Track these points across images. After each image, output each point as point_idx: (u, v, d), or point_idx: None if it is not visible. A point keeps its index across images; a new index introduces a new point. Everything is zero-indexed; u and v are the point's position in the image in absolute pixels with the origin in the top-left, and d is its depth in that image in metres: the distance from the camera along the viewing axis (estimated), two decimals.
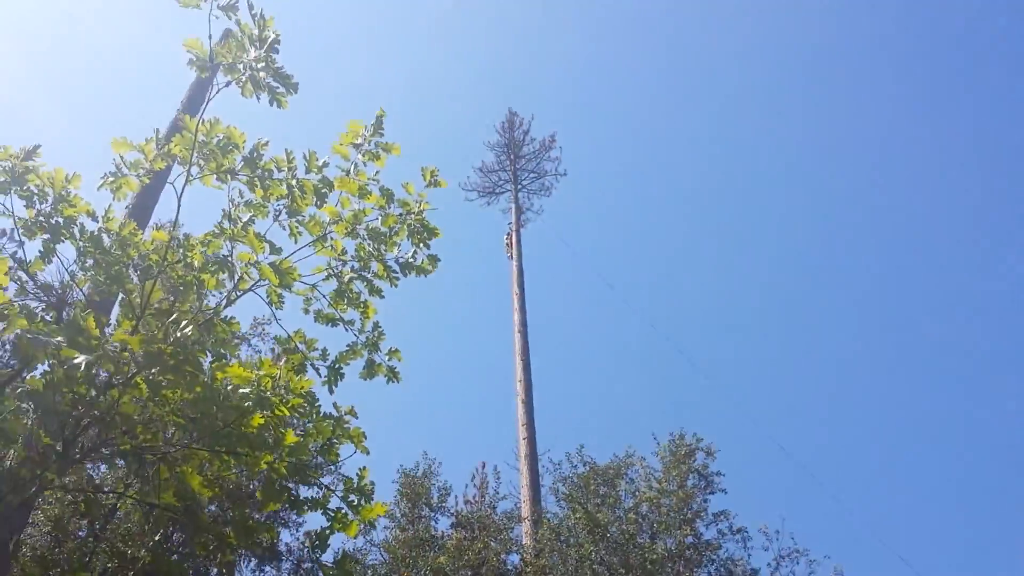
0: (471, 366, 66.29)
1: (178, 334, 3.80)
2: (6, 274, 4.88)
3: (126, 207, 10.45)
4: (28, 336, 3.40)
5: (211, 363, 4.65)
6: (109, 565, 12.63)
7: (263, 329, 22.60)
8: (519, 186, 35.76)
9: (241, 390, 4.16)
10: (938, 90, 61.41)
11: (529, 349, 25.60)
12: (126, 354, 3.60)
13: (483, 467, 25.20)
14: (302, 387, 4.55)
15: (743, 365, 61.75)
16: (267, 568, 19.02)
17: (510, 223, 33.15)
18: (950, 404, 57.05)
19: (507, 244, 31.68)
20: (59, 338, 3.46)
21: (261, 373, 4.31)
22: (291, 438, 4.46)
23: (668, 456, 16.18)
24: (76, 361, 3.42)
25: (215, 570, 17.42)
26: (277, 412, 4.35)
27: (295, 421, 4.93)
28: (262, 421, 4.27)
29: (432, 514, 16.69)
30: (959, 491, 52.31)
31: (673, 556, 14.39)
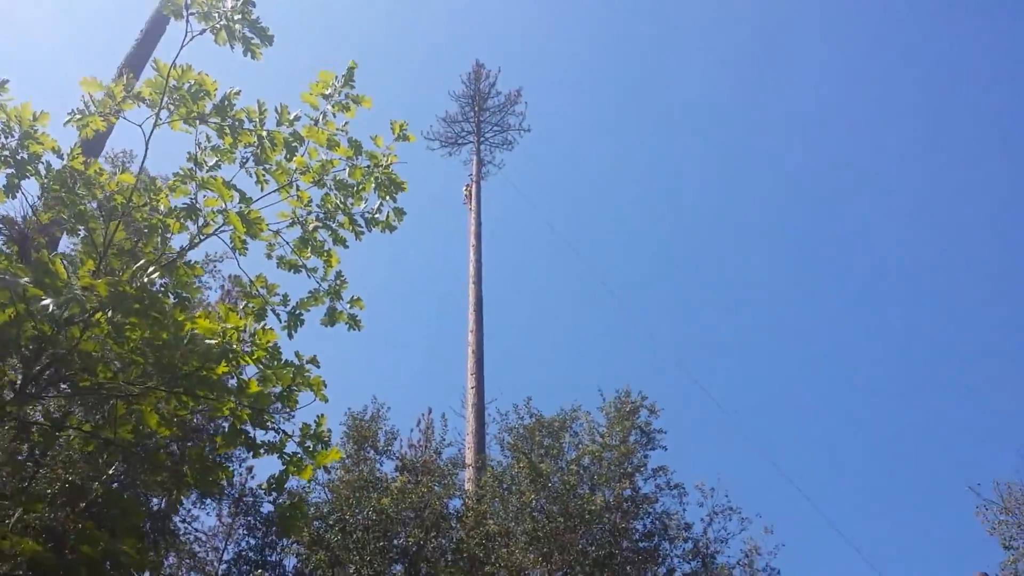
0: (424, 314, 66.44)
1: (144, 279, 3.85)
2: None
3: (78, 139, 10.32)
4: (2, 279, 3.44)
5: (173, 305, 4.69)
6: (49, 491, 12.66)
7: (215, 267, 22.41)
8: (482, 138, 35.59)
9: (207, 341, 4.24)
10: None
11: (483, 300, 25.79)
12: (93, 297, 3.65)
13: (429, 413, 25.49)
14: (268, 340, 4.64)
15: (693, 328, 62.82)
16: (208, 500, 19.18)
17: (470, 174, 33.07)
18: (888, 369, 58.84)
19: (466, 195, 31.63)
20: (26, 278, 3.51)
21: (228, 326, 4.39)
22: (254, 387, 4.57)
23: (613, 412, 16.58)
24: (43, 303, 3.47)
25: (155, 500, 17.55)
26: (242, 362, 4.45)
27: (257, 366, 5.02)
28: (226, 369, 4.37)
29: (378, 457, 16.94)
30: (893, 460, 54.24)
31: (611, 508, 14.83)
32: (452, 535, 14.99)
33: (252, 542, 18.56)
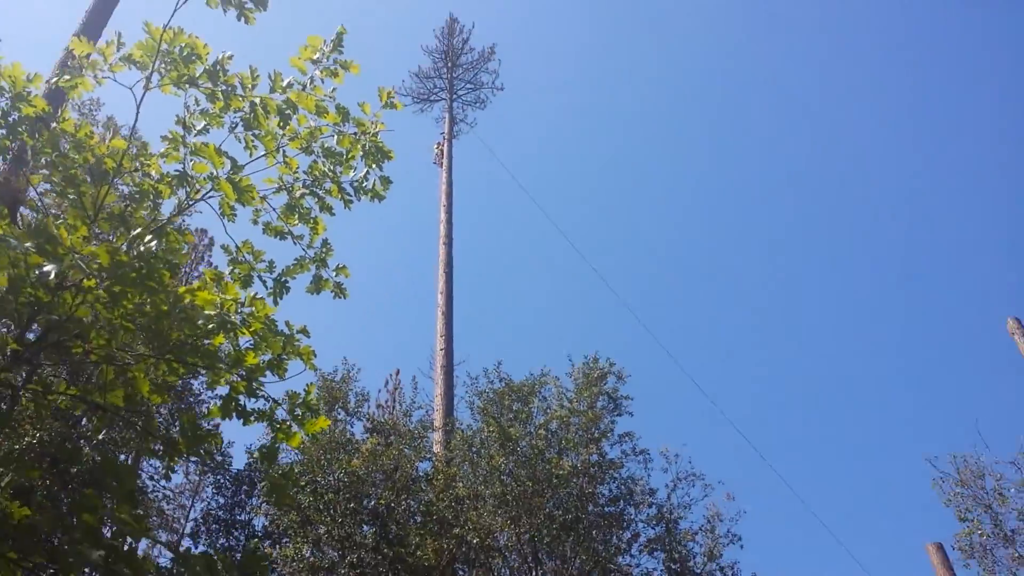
0: (393, 274, 66.26)
1: (142, 248, 3.85)
2: None
3: (48, 77, 10.11)
4: (2, 239, 3.42)
5: (163, 271, 4.68)
6: (16, 447, 12.57)
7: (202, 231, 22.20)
8: (454, 96, 35.25)
9: (205, 312, 4.25)
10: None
11: (452, 261, 25.78)
12: (94, 264, 3.64)
13: (397, 374, 25.65)
14: (265, 312, 4.65)
15: (663, 294, 63.39)
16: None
17: (442, 132, 32.80)
18: (852, 339, 59.94)
19: (437, 153, 31.41)
20: (28, 244, 3.49)
21: (226, 297, 4.40)
22: (251, 359, 4.60)
23: (581, 378, 16.73)
24: (45, 269, 3.46)
25: (120, 456, 17.48)
26: (239, 334, 4.47)
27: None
28: (223, 341, 4.39)
29: (348, 419, 17.00)
30: (854, 430, 55.50)
31: (578, 472, 15.04)
32: (422, 497, 15.15)
33: (221, 501, 18.63)
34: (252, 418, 4.91)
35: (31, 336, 4.53)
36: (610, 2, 69.98)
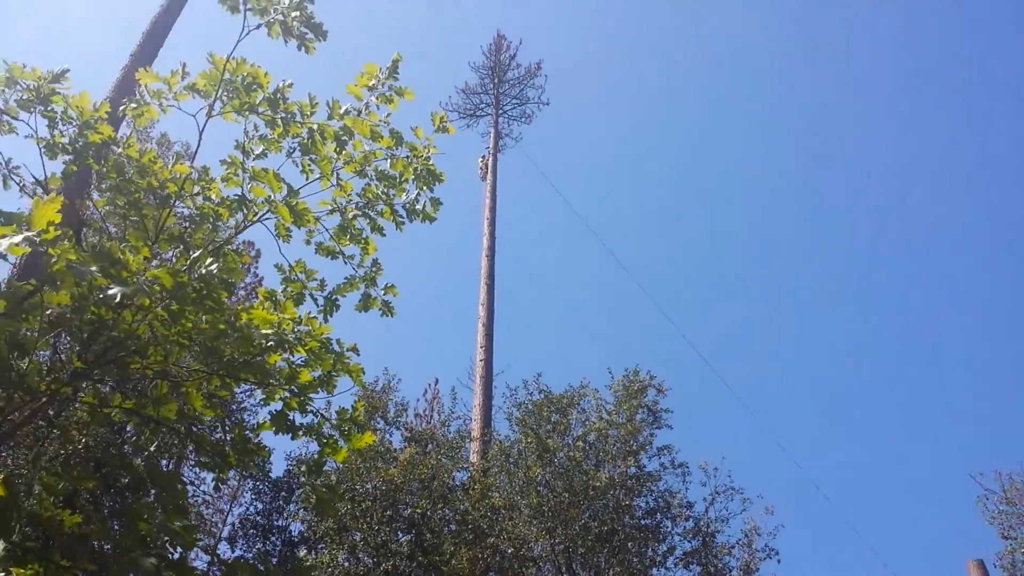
0: (436, 285, 66.68)
1: (203, 270, 4.00)
2: (22, 189, 5.02)
3: (104, 99, 10.42)
4: (70, 265, 3.58)
5: (221, 290, 4.84)
6: (62, 452, 12.90)
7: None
8: (500, 111, 35.50)
9: (263, 331, 4.40)
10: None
11: (495, 274, 25.94)
12: (156, 287, 3.80)
13: (436, 383, 25.84)
14: (322, 332, 4.79)
15: (707, 310, 63.07)
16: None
17: (487, 147, 33.02)
18: (897, 356, 59.09)
19: (482, 167, 31.63)
20: (94, 267, 3.65)
21: (285, 316, 4.55)
22: (305, 376, 4.74)
23: (621, 390, 16.74)
24: (111, 292, 3.61)
25: (163, 461, 17.82)
26: (295, 352, 4.62)
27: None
28: (278, 359, 4.55)
29: (387, 428, 17.18)
30: (899, 447, 54.71)
31: (615, 484, 15.05)
32: (458, 506, 15.25)
33: (259, 506, 18.86)
34: (301, 432, 5.05)
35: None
36: (658, 20, 69.85)
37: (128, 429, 14.20)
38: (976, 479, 17.33)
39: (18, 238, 3.19)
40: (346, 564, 14.40)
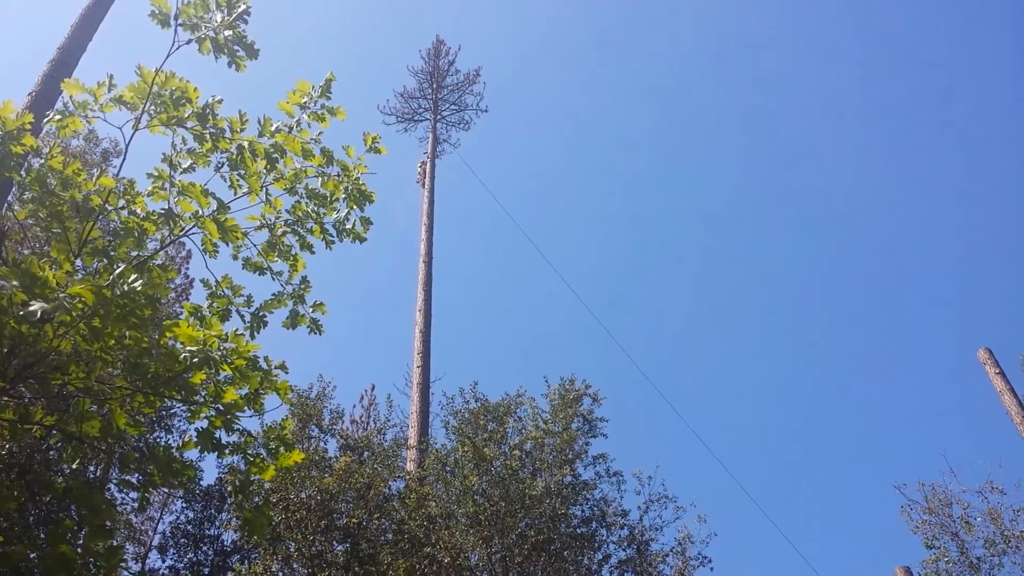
0: (372, 291, 66.23)
1: (126, 286, 3.94)
2: None
3: (29, 94, 10.17)
4: None
5: (144, 305, 4.78)
6: None
7: (181, 266, 22.24)
8: (438, 116, 35.41)
9: (188, 348, 4.35)
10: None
11: (432, 280, 25.88)
12: (79, 304, 3.74)
13: (372, 389, 25.73)
14: (249, 350, 4.75)
15: (640, 318, 63.79)
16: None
17: (425, 152, 32.94)
18: (826, 366, 60.52)
19: (420, 173, 31.55)
20: (14, 282, 3.58)
21: (211, 333, 4.50)
22: (230, 395, 4.70)
23: (557, 399, 16.86)
24: (32, 309, 3.55)
25: (90, 468, 17.40)
26: (221, 370, 4.57)
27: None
28: (203, 377, 4.49)
29: (323, 435, 17.01)
30: (826, 458, 56.01)
31: (551, 493, 15.14)
32: (394, 516, 15.17)
33: (190, 515, 18.54)
34: (227, 451, 5.00)
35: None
36: (599, 25, 70.58)
37: (53, 435, 13.85)
38: (899, 489, 17.85)
39: None
40: (280, 575, 14.22)
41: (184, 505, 18.88)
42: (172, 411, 18.80)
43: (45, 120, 4.90)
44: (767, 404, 60.87)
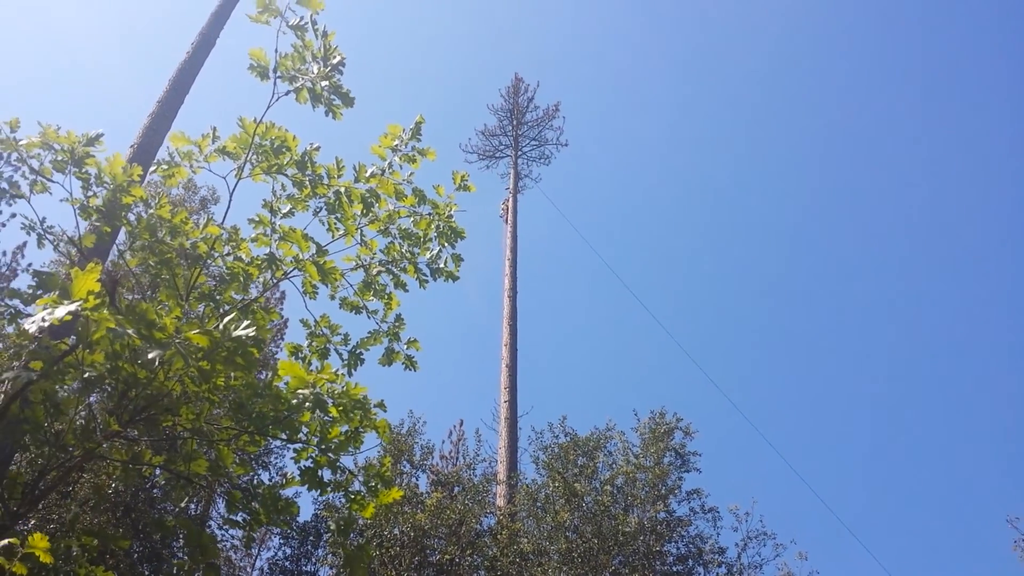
0: (459, 326, 66.82)
1: (237, 331, 4.08)
2: (56, 248, 5.17)
3: (131, 146, 10.65)
4: (110, 330, 3.68)
5: (249, 348, 4.92)
6: (92, 496, 13.02)
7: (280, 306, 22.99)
8: (519, 152, 35.76)
9: (300, 391, 4.47)
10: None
11: (517, 314, 25.97)
12: (193, 349, 3.88)
13: (461, 425, 25.80)
14: (356, 392, 4.84)
15: (731, 351, 62.65)
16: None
17: (507, 188, 33.27)
18: (935, 400, 58.24)
19: (503, 209, 31.84)
20: (131, 330, 3.74)
21: (323, 377, 4.61)
22: (335, 434, 4.79)
23: (647, 433, 16.62)
24: (150, 356, 3.70)
25: (192, 505, 17.91)
26: (328, 412, 4.67)
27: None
28: (309, 418, 4.60)
29: (414, 471, 17.14)
30: (933, 494, 53.69)
31: (645, 530, 14.87)
32: (486, 552, 15.13)
33: (287, 551, 18.84)
34: (329, 489, 5.09)
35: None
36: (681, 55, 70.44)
37: (157, 475, 14.33)
38: (1012, 523, 16.97)
39: (61, 311, 3.29)
40: None
41: (281, 542, 19.17)
42: (270, 448, 19.22)
43: (152, 170, 5.16)
44: (870, 434, 58.77)
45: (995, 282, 59.30)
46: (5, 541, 3.70)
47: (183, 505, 5.44)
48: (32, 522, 11.33)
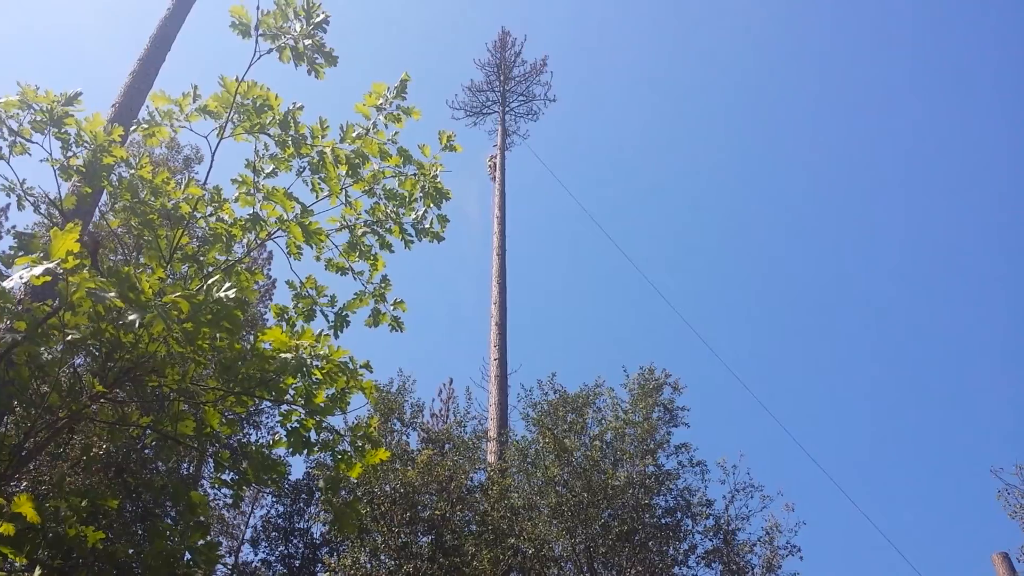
0: (448, 285, 66.78)
1: (220, 294, 4.06)
2: (37, 210, 5.12)
3: (112, 105, 10.51)
4: (90, 293, 3.66)
5: (234, 310, 4.90)
6: (84, 457, 13.08)
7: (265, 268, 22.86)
8: (507, 108, 35.44)
9: (282, 354, 4.47)
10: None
11: (506, 272, 25.98)
12: (174, 312, 3.87)
13: (450, 383, 25.93)
14: (340, 355, 4.83)
15: (716, 304, 62.87)
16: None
17: (495, 145, 33.02)
18: (917, 351, 58.71)
19: (490, 166, 31.61)
20: (112, 293, 3.72)
21: (303, 343, 4.60)
22: (321, 398, 4.80)
23: (636, 388, 16.72)
24: (130, 319, 3.69)
25: (184, 464, 18.04)
26: (312, 374, 4.67)
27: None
28: (294, 381, 4.61)
29: (404, 429, 17.26)
30: (917, 443, 54.37)
31: (634, 483, 15.04)
32: (477, 507, 15.30)
33: (280, 509, 19.05)
34: (316, 449, 5.12)
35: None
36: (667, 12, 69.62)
37: (147, 435, 14.38)
38: (996, 473, 17.23)
39: (39, 270, 3.27)
40: (368, 566, 14.48)
41: (274, 500, 19.39)
42: (260, 408, 19.30)
43: (132, 130, 5.09)
44: (854, 387, 59.40)
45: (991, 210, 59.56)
46: None
47: (172, 465, 5.46)
48: (24, 484, 11.38)
